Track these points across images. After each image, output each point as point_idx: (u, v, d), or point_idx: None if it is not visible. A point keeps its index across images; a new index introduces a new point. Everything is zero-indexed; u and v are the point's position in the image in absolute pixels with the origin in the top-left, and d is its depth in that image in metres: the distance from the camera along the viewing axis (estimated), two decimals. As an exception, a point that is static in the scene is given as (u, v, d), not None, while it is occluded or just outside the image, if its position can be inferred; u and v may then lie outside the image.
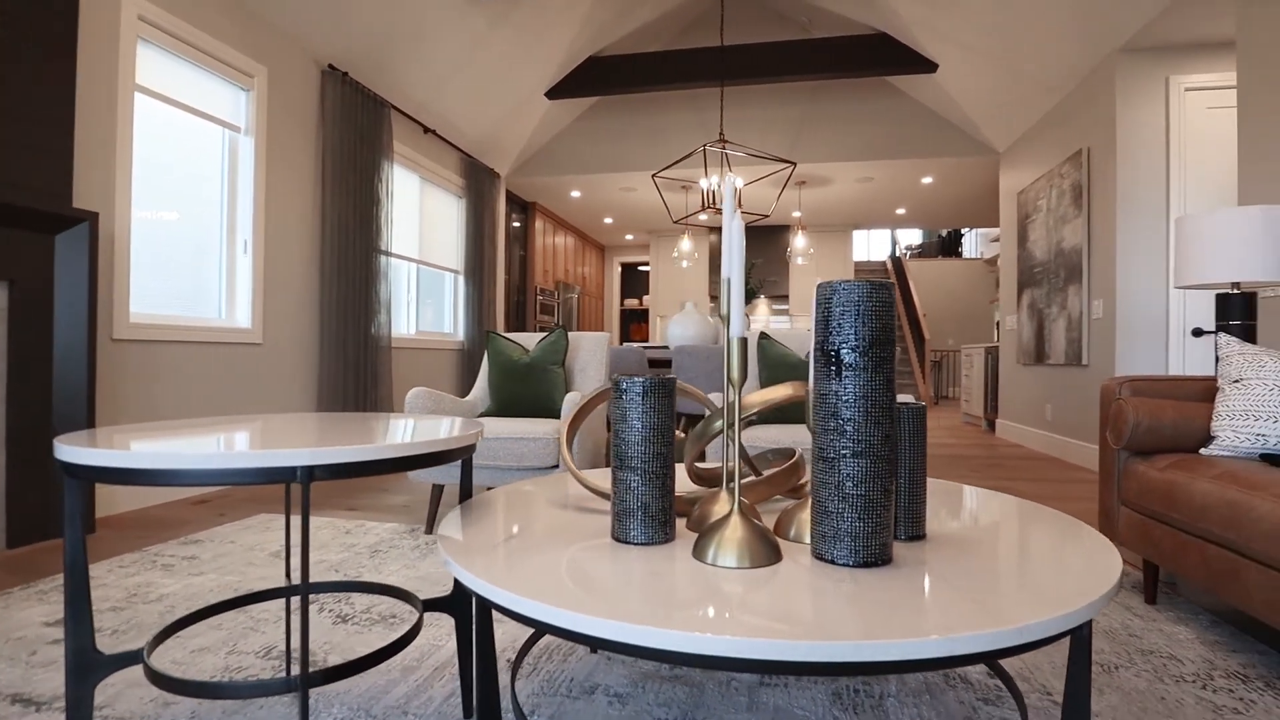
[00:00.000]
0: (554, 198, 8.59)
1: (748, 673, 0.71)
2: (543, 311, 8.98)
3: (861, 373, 0.90)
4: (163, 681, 0.98)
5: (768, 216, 6.11)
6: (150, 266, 3.33)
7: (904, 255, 14.68)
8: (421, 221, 5.88)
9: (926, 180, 7.51)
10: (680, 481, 1.58)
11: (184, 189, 3.54)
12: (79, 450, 0.93)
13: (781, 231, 10.08)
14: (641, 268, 13.11)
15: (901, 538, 1.06)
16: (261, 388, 3.91)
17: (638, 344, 5.53)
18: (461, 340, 6.47)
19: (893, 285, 0.92)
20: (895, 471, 0.95)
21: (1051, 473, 4.29)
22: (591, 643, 0.75)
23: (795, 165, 5.66)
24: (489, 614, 0.99)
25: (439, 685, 1.45)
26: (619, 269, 12.57)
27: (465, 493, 1.35)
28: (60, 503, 2.57)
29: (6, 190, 2.34)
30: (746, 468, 1.45)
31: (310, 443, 1.00)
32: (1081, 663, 0.84)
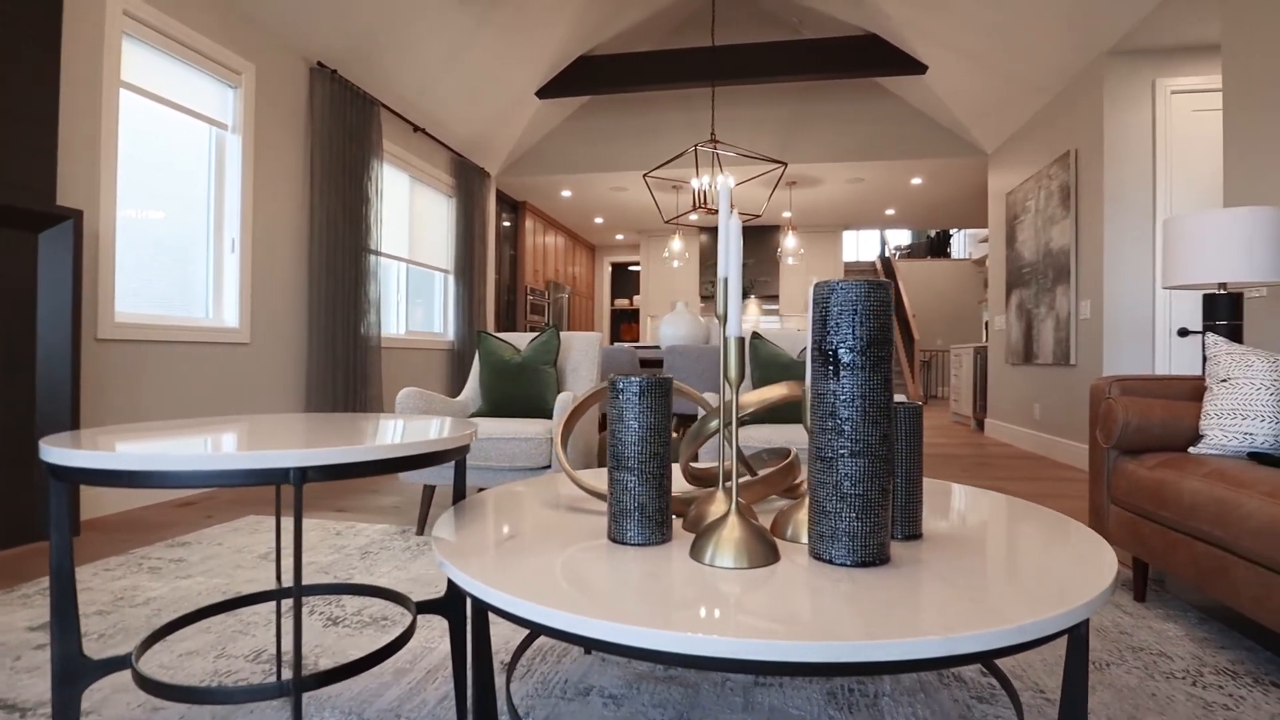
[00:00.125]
0: (544, 197, 8.57)
1: (750, 674, 0.70)
2: (533, 311, 8.95)
3: (859, 372, 0.90)
4: (152, 687, 0.97)
5: (759, 216, 6.13)
6: (135, 266, 3.29)
7: (893, 256, 14.77)
8: (411, 221, 5.85)
9: (916, 181, 7.55)
10: (675, 482, 1.57)
11: (170, 187, 3.49)
12: (67, 452, 0.91)
13: (772, 232, 10.11)
14: (632, 268, 13.10)
15: (898, 537, 1.06)
16: (249, 388, 3.87)
17: (629, 344, 5.53)
18: (451, 340, 6.43)
19: (890, 285, 0.92)
20: (892, 471, 0.95)
21: (1040, 471, 4.33)
22: (593, 645, 0.74)
23: (786, 165, 5.67)
24: (485, 616, 0.98)
25: (432, 688, 1.43)
26: (609, 269, 12.56)
27: (459, 493, 1.34)
28: (43, 505, 2.53)
29: (-12, 187, 2.30)
30: (742, 467, 1.45)
31: (302, 443, 0.99)
32: (1079, 661, 0.84)
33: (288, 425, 1.29)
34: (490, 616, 1.82)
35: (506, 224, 8.40)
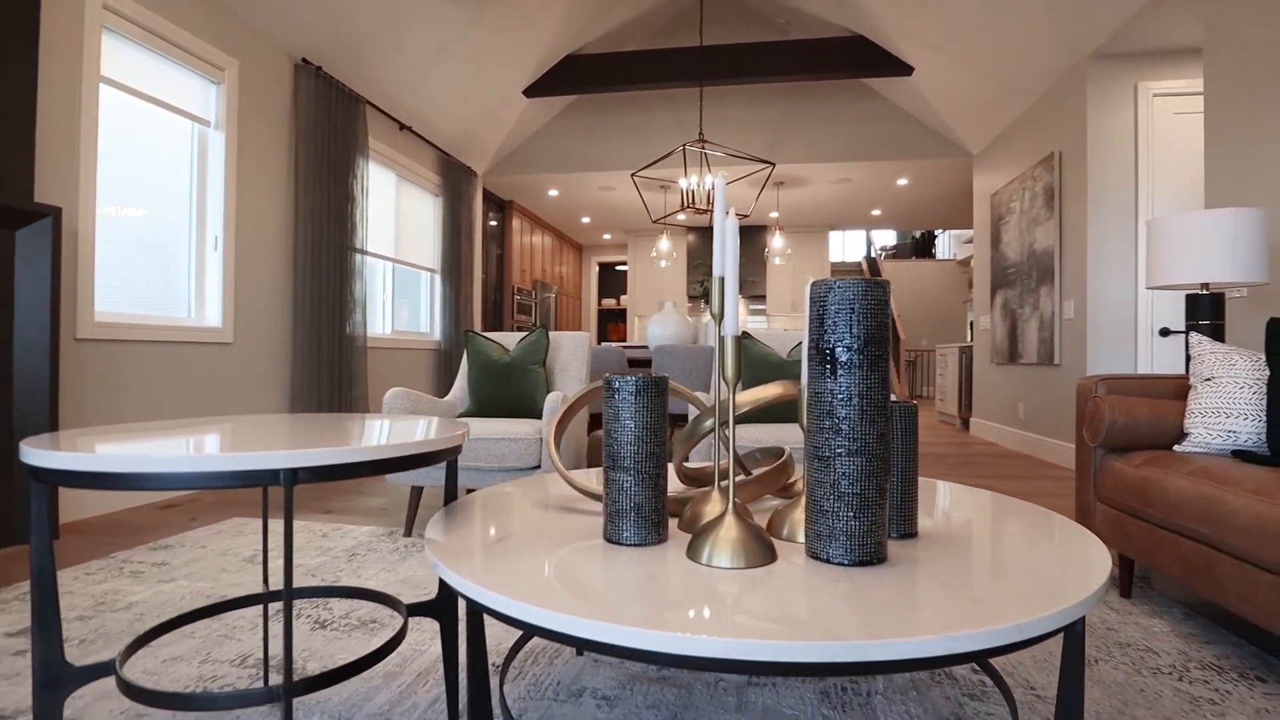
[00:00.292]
0: (532, 196, 8.54)
1: (752, 674, 0.70)
2: (520, 311, 8.91)
3: (857, 371, 0.90)
4: (137, 694, 0.95)
5: (747, 216, 6.14)
6: (116, 264, 3.23)
7: (879, 256, 14.87)
8: (397, 219, 5.80)
9: (902, 182, 7.60)
10: (669, 481, 1.57)
11: (151, 184, 3.44)
12: (51, 454, 0.89)
13: (759, 232, 10.13)
14: (619, 267, 13.08)
15: (894, 536, 1.06)
16: (232, 389, 3.82)
17: (617, 344, 5.52)
18: (438, 340, 6.39)
19: (888, 283, 0.91)
20: (889, 470, 0.95)
21: (1026, 470, 4.37)
22: (598, 649, 0.73)
23: (774, 166, 5.68)
24: (480, 618, 0.97)
25: (422, 691, 1.42)
26: (596, 268, 12.54)
27: (450, 494, 1.32)
28: (19, 507, 2.47)
29: (-36, 183, 2.25)
30: (736, 467, 1.44)
31: (292, 444, 0.97)
32: (1075, 658, 0.85)
33: (274, 426, 1.26)
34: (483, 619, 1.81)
35: (493, 223, 8.36)
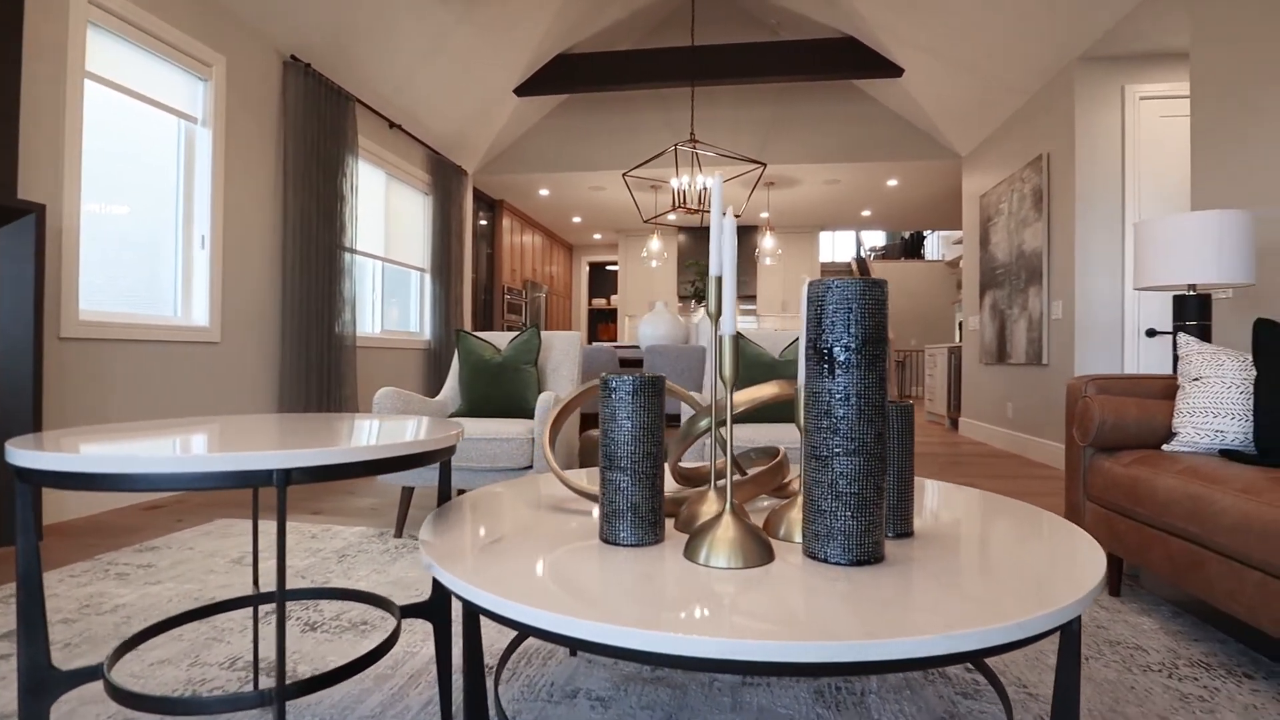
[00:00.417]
0: (522, 196, 8.51)
1: (755, 675, 0.69)
2: (510, 311, 8.89)
3: (855, 370, 0.90)
4: (126, 698, 0.93)
5: (739, 217, 6.16)
6: (101, 262, 3.19)
7: (868, 256, 14.95)
8: (387, 218, 5.76)
9: (892, 183, 7.64)
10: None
11: (137, 181, 3.39)
12: (40, 454, 0.87)
13: (750, 232, 10.16)
14: (609, 267, 13.07)
15: (890, 535, 1.06)
16: (219, 389, 3.77)
17: (609, 344, 5.51)
18: (428, 340, 6.35)
19: (885, 283, 0.91)
20: (886, 469, 0.95)
21: (1014, 469, 4.40)
22: (600, 650, 0.73)
23: (765, 166, 5.69)
24: (476, 620, 0.96)
25: (415, 693, 1.41)
26: (587, 268, 12.52)
27: (444, 495, 1.31)
28: (2, 509, 2.43)
29: (-55, 179, 2.21)
30: (732, 467, 1.44)
31: (283, 445, 0.96)
32: (1071, 656, 0.85)
33: (264, 426, 1.25)
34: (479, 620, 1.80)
35: (483, 222, 8.32)
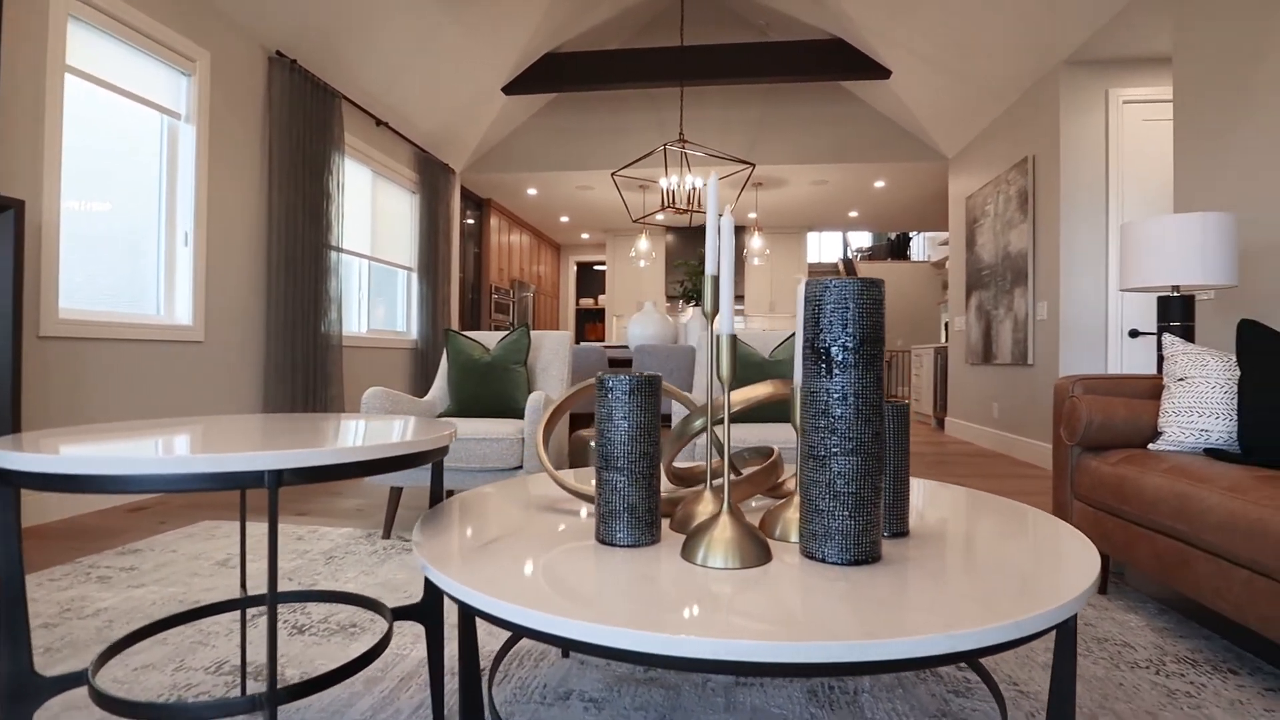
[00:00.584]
0: (510, 195, 8.47)
1: (755, 676, 0.69)
2: (498, 310, 8.84)
3: (852, 370, 0.90)
4: (112, 705, 0.91)
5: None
6: (81, 259, 3.13)
7: (855, 257, 15.03)
8: (374, 216, 5.71)
9: (879, 184, 7.69)
10: (655, 481, 1.56)
11: (119, 177, 3.34)
12: (24, 456, 0.85)
13: (737, 232, 10.18)
14: (597, 267, 13.05)
15: (886, 534, 1.06)
16: (203, 388, 3.72)
17: (598, 344, 5.50)
18: (415, 339, 6.31)
19: (882, 283, 0.91)
20: (884, 469, 0.95)
21: (1000, 469, 4.44)
22: (602, 653, 0.72)
23: (754, 166, 5.71)
24: (473, 621, 0.95)
25: (406, 697, 1.39)
26: (574, 268, 12.49)
27: (436, 496, 1.30)
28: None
29: (-80, 174, 2.16)
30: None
31: (272, 445, 0.94)
32: (1067, 654, 0.85)
33: (251, 426, 1.23)
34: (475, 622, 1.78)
35: (471, 221, 8.28)
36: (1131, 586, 2.13)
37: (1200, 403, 1.85)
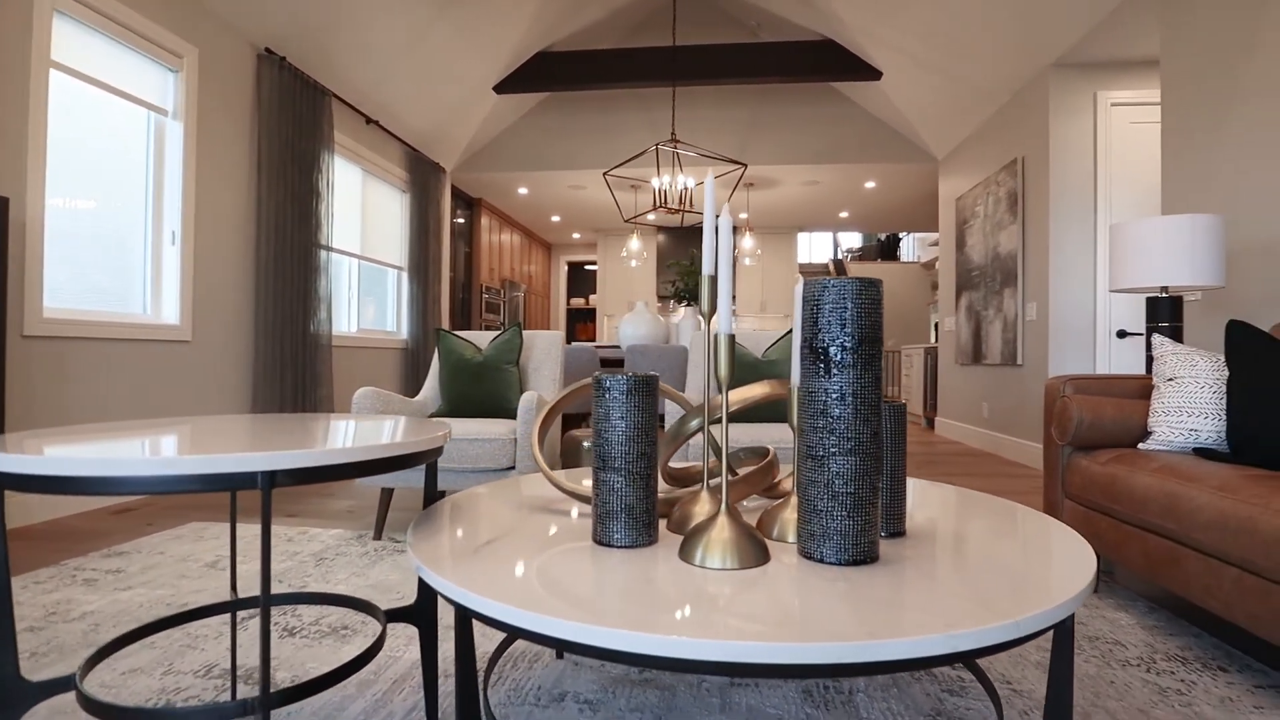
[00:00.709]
0: (501, 194, 8.44)
1: (757, 677, 0.69)
2: (488, 310, 8.81)
3: (850, 370, 0.90)
4: (100, 710, 0.89)
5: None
6: (67, 257, 3.09)
7: (845, 258, 15.10)
8: (364, 215, 5.68)
9: (869, 185, 7.72)
10: (650, 482, 1.55)
11: (105, 175, 3.29)
12: (10, 458, 0.83)
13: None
14: (588, 267, 13.04)
15: (883, 535, 1.06)
16: (191, 388, 3.68)
17: (589, 344, 5.49)
18: (405, 339, 6.27)
19: (881, 283, 0.91)
20: (881, 469, 0.95)
21: (990, 468, 4.47)
22: (603, 655, 0.71)
23: (746, 167, 5.72)
24: (469, 623, 0.94)
25: (399, 699, 1.38)
26: (565, 268, 12.47)
27: (430, 496, 1.29)
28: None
29: (-99, 170, 2.12)
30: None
31: (263, 446, 0.93)
32: (1065, 654, 0.86)
33: (241, 427, 1.21)
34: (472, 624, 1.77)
35: (461, 221, 8.24)
36: (1122, 585, 2.14)
37: (1189, 402, 1.86)
